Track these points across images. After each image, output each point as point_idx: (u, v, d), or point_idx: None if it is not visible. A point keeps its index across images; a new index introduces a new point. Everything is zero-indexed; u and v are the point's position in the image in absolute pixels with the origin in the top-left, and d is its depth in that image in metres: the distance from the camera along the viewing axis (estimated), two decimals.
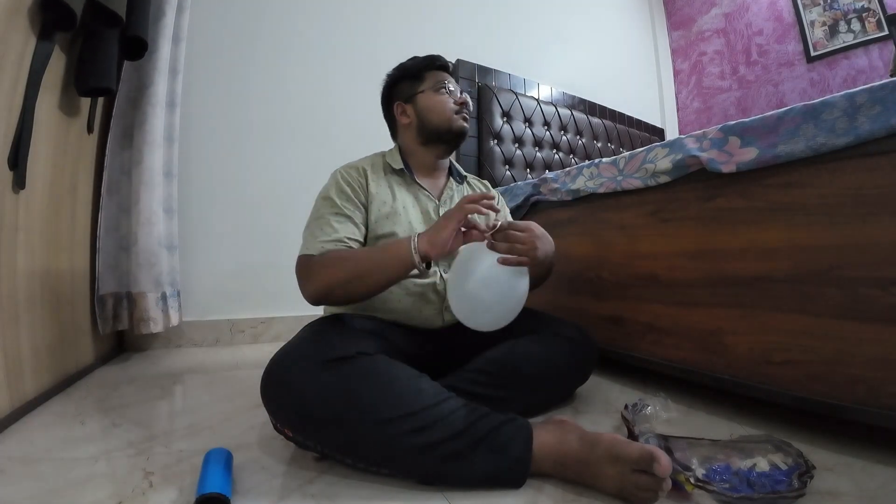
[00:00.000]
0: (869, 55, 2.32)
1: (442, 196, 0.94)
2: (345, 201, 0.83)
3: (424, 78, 0.93)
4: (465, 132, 0.93)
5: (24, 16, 0.84)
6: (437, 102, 0.91)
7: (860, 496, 0.53)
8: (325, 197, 0.84)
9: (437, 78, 0.92)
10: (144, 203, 1.31)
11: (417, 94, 0.92)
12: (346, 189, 0.84)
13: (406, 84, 0.94)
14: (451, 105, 0.91)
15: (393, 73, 0.97)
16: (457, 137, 0.93)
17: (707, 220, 0.85)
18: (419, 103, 0.92)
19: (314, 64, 1.80)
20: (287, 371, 0.61)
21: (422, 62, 0.94)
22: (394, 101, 0.95)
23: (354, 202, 0.84)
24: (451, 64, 0.98)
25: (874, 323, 0.62)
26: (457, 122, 0.91)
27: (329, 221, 0.80)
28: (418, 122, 0.92)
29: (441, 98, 0.91)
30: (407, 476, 0.58)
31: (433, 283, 0.85)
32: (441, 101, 0.91)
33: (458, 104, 0.91)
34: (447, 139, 0.92)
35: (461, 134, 0.92)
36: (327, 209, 0.82)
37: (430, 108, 0.91)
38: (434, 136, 0.92)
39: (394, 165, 0.91)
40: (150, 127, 1.33)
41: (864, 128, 0.62)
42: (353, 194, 0.84)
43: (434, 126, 0.91)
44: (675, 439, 0.63)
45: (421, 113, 0.92)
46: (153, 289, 1.32)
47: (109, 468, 0.63)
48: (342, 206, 0.82)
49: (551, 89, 2.41)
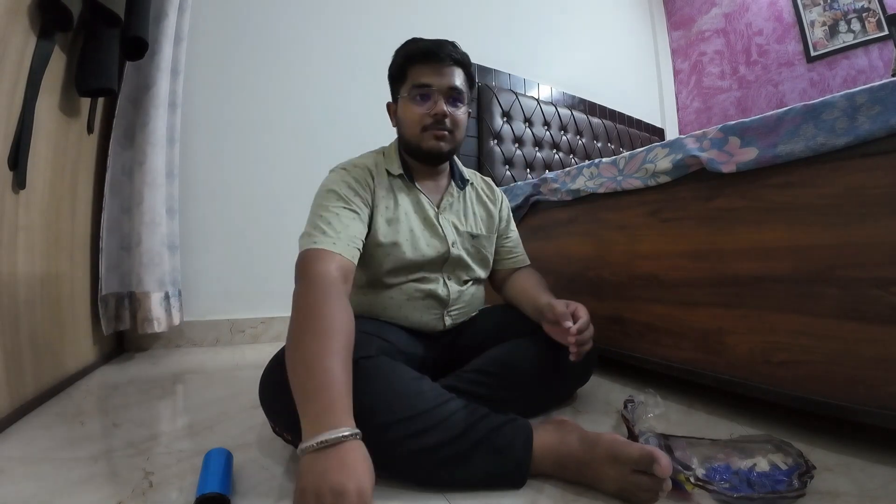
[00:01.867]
0: (869, 55, 2.32)
1: (441, 203, 0.87)
2: (353, 196, 0.76)
3: (406, 77, 0.79)
4: (435, 152, 0.79)
5: (24, 16, 0.84)
6: (408, 114, 0.79)
7: (860, 496, 0.53)
8: (331, 190, 0.76)
9: (417, 79, 0.77)
10: (148, 203, 1.31)
11: (399, 99, 0.81)
12: (354, 185, 0.77)
13: (393, 81, 0.83)
14: (421, 119, 0.77)
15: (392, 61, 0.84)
16: (427, 158, 0.81)
17: (707, 220, 0.85)
18: (399, 110, 0.81)
19: (314, 64, 1.80)
20: (285, 374, 0.60)
21: (405, 54, 0.79)
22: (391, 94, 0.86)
23: (362, 199, 0.77)
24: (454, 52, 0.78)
25: (874, 323, 0.62)
26: (426, 142, 0.78)
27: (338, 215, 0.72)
28: (398, 130, 0.84)
29: (412, 109, 0.78)
30: (407, 478, 0.57)
31: (435, 289, 0.84)
32: (410, 114, 0.78)
33: (431, 116, 0.77)
34: (418, 158, 0.83)
35: (429, 155, 0.80)
36: (335, 202, 0.74)
37: (402, 119, 0.80)
38: (408, 150, 0.83)
39: (392, 171, 0.84)
40: (153, 128, 1.33)
41: (864, 128, 0.62)
42: (360, 191, 0.77)
43: (406, 140, 0.82)
44: (675, 439, 0.63)
45: (399, 122, 0.82)
46: (157, 288, 1.32)
47: (109, 468, 0.62)
48: (350, 199, 0.75)
49: (551, 89, 2.41)
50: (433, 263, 0.84)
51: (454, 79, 0.79)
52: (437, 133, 0.78)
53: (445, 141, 0.79)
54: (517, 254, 1.00)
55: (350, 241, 0.71)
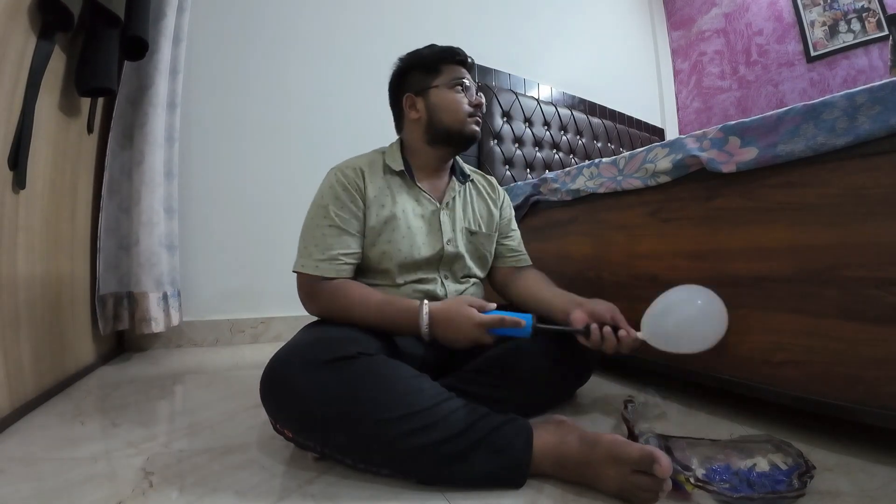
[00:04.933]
0: (869, 55, 2.32)
1: (443, 199, 0.89)
2: (339, 209, 0.79)
3: (441, 71, 0.85)
4: (476, 137, 0.86)
5: (24, 16, 0.84)
6: (452, 101, 0.84)
7: (860, 496, 0.53)
8: (321, 205, 0.80)
9: (455, 73, 0.85)
10: (146, 203, 1.31)
11: (431, 89, 0.85)
12: (341, 195, 0.80)
13: (419, 74, 0.86)
14: (465, 106, 0.84)
15: (406, 59, 0.89)
16: (467, 142, 0.87)
17: (707, 220, 0.85)
18: (431, 98, 0.85)
19: (314, 64, 1.80)
20: (287, 371, 0.61)
21: (439, 52, 0.86)
22: (404, 91, 0.88)
23: (350, 209, 0.80)
24: (471, 60, 0.89)
25: (874, 323, 0.62)
26: (469, 126, 0.85)
27: (324, 235, 0.78)
28: (428, 118, 0.85)
29: (456, 97, 0.84)
30: (407, 476, 0.57)
31: (433, 289, 0.84)
32: (455, 101, 0.84)
33: (473, 106, 0.85)
34: (456, 142, 0.86)
35: (472, 139, 0.86)
36: (321, 220, 0.79)
37: (442, 106, 0.84)
38: (443, 136, 0.85)
39: (393, 167, 0.86)
40: (151, 128, 1.33)
41: (864, 128, 0.62)
42: (349, 200, 0.80)
43: (444, 127, 0.84)
44: (675, 439, 0.63)
45: (432, 109, 0.85)
46: (154, 289, 1.32)
47: (109, 468, 0.62)
48: (336, 215, 0.79)
49: (551, 89, 2.41)
50: (430, 263, 0.85)
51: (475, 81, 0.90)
52: (478, 119, 0.86)
53: (480, 127, 0.88)
54: (519, 252, 1.00)
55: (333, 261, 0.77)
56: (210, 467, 0.62)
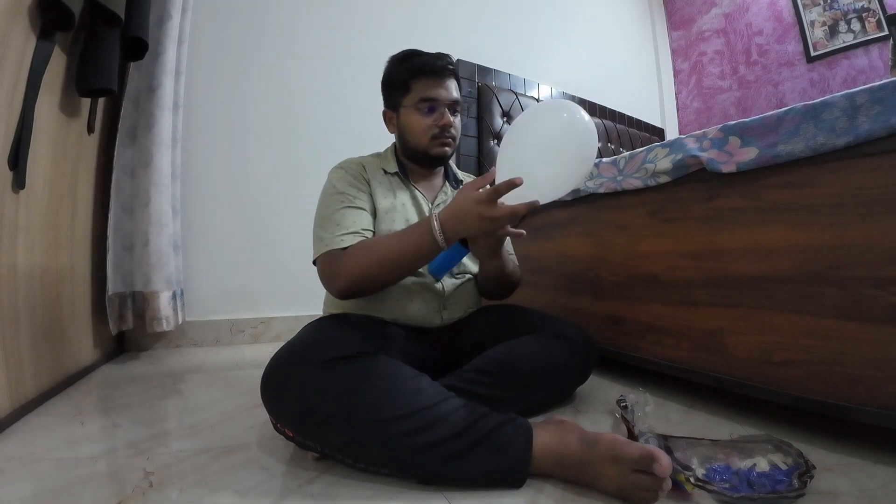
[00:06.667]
0: (869, 55, 2.32)
1: (436, 199, 0.92)
2: (352, 192, 0.82)
3: (410, 89, 0.84)
4: (443, 158, 0.87)
5: (24, 16, 0.84)
6: (415, 124, 0.84)
7: (860, 496, 0.53)
8: (332, 193, 0.82)
9: (423, 92, 0.83)
10: (155, 204, 1.32)
11: (400, 108, 0.86)
12: (352, 181, 0.83)
13: (393, 91, 0.88)
14: (429, 129, 0.83)
15: (385, 70, 0.89)
16: (432, 163, 0.88)
17: (707, 220, 0.85)
18: (401, 118, 0.87)
19: (315, 65, 1.80)
20: (287, 370, 0.61)
21: (410, 68, 0.84)
22: (385, 102, 0.91)
23: (361, 191, 0.83)
24: (451, 65, 0.85)
25: (874, 323, 0.62)
26: (433, 149, 0.85)
27: (344, 214, 0.79)
28: (399, 136, 0.89)
29: (420, 120, 0.84)
30: (407, 476, 0.57)
31: (430, 282, 0.85)
32: (418, 124, 0.84)
33: (439, 127, 0.83)
34: (423, 163, 0.89)
35: (438, 160, 0.87)
36: (337, 204, 0.80)
37: (407, 128, 0.86)
38: (411, 156, 0.89)
39: (388, 169, 0.89)
40: (158, 129, 1.33)
41: (864, 128, 0.62)
42: (359, 184, 0.84)
43: (411, 147, 0.87)
44: (675, 439, 0.63)
45: (402, 129, 0.88)
46: (165, 288, 1.33)
47: (109, 468, 0.63)
48: (350, 197, 0.81)
49: (551, 89, 2.41)
50: None
51: (454, 91, 0.86)
52: (444, 141, 0.85)
53: (450, 147, 0.87)
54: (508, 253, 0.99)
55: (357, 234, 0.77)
56: (210, 467, 0.62)
